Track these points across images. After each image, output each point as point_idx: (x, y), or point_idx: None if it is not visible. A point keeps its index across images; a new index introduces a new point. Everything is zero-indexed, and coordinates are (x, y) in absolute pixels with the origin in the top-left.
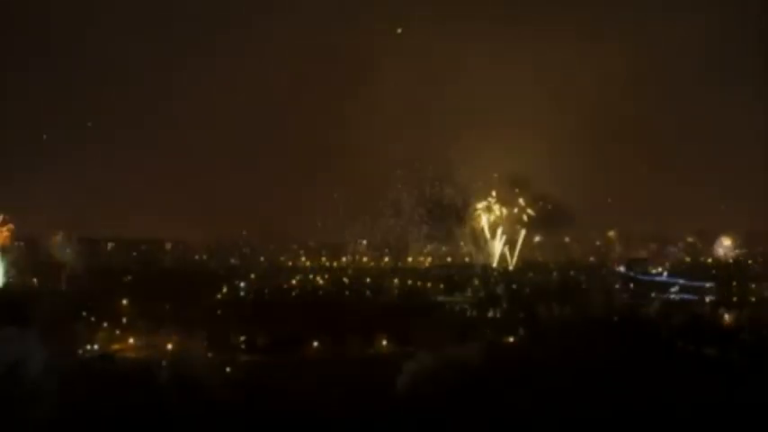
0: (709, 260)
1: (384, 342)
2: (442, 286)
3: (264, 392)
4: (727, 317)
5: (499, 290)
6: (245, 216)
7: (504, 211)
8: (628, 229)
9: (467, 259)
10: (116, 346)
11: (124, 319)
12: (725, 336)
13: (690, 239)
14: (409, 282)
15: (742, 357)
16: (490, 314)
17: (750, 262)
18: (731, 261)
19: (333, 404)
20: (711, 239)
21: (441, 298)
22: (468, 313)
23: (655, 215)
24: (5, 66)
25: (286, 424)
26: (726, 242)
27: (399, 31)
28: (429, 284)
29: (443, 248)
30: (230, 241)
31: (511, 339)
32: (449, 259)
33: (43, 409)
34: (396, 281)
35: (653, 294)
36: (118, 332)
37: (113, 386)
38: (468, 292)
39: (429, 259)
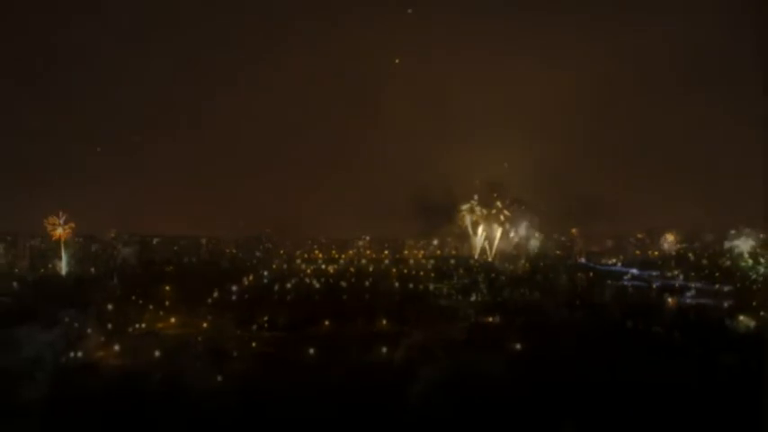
0: (656, 253)
1: (384, 321)
2: (432, 275)
3: (284, 362)
4: (670, 300)
5: (480, 278)
6: (268, 216)
7: (485, 211)
8: (588, 227)
9: (453, 252)
10: (160, 325)
11: (167, 303)
12: (668, 316)
13: (640, 236)
14: (405, 271)
15: (682, 334)
16: (472, 298)
17: (690, 255)
18: (674, 254)
19: (339, 374)
20: (658, 236)
21: (431, 285)
22: (454, 297)
23: (611, 216)
24: (67, 90)
25: (300, 386)
26: (670, 238)
27: (397, 61)
28: (421, 273)
29: (434, 243)
30: (255, 237)
31: (490, 319)
32: (438, 252)
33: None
34: (393, 270)
35: (609, 282)
36: (161, 313)
37: (157, 357)
38: (455, 280)
39: (422, 252)
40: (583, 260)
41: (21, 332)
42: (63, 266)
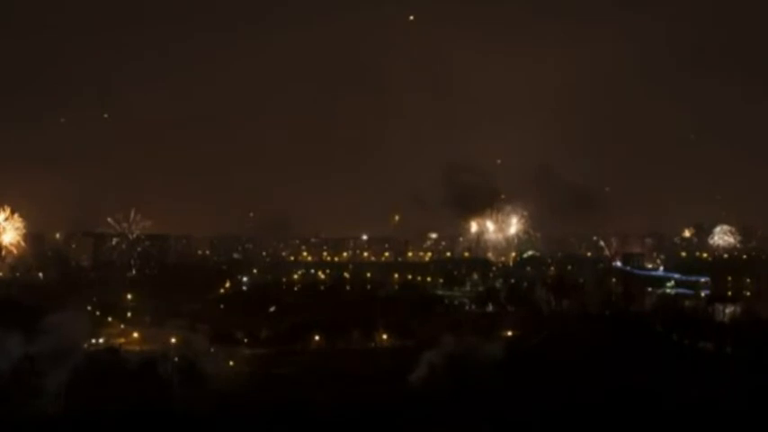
0: (705, 254)
1: (384, 336)
2: (441, 280)
3: (265, 384)
4: (722, 311)
5: (498, 284)
6: (249, 210)
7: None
8: (624, 225)
9: (466, 254)
10: (121, 340)
11: (129, 314)
12: (719, 330)
13: (687, 234)
14: (409, 276)
15: (737, 351)
16: (489, 309)
17: (744, 257)
18: (726, 256)
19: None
20: (707, 233)
21: (440, 292)
22: (467, 307)
23: (651, 210)
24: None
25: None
26: (724, 232)
27: (411, 18)
28: (429, 279)
29: (443, 244)
30: (233, 236)
31: (509, 333)
32: (448, 254)
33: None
34: (396, 275)
35: (649, 289)
36: (122, 326)
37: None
38: (467, 287)
39: (429, 254)
40: (618, 263)
41: None
42: None
